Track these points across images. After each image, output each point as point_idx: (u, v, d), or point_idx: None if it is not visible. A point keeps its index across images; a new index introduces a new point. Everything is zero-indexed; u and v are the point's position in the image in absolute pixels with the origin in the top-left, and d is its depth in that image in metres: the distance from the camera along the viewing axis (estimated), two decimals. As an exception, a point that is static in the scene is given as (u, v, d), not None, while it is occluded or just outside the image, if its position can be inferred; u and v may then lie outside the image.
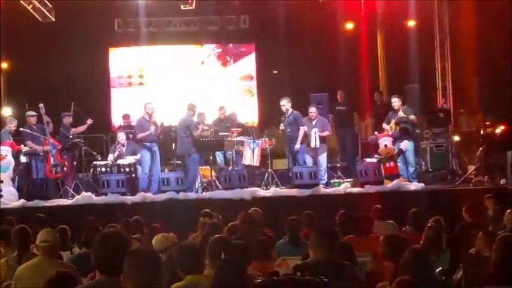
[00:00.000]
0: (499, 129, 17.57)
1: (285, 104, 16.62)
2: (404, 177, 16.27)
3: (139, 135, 16.65)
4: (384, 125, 16.97)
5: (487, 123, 18.63)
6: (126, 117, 19.16)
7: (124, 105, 20.98)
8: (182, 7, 18.67)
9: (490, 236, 7.72)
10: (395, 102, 16.70)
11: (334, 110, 18.79)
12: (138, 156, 16.88)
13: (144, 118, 16.77)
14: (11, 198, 15.22)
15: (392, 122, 16.60)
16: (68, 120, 17.34)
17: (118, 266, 4.65)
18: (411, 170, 16.45)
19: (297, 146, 16.51)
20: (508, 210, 10.25)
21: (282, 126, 16.65)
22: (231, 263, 5.39)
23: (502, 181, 15.46)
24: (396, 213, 11.49)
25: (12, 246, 8.36)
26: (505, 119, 17.64)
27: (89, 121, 17.30)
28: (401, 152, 16.50)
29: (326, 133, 16.88)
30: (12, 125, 16.44)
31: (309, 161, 16.75)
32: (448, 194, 15.19)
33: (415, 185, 15.70)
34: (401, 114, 16.43)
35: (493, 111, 18.73)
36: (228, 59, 22.76)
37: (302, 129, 16.58)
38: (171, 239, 8.45)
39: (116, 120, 21.06)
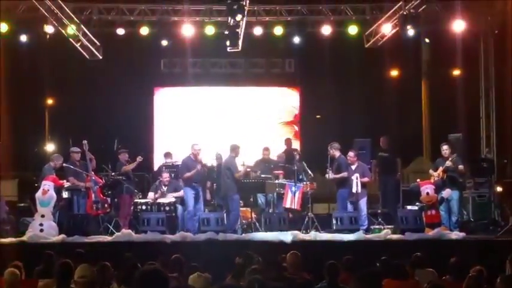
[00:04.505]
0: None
1: (329, 149, 16.96)
2: (446, 226, 16.11)
3: (186, 175, 16.72)
4: (431, 172, 16.85)
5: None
6: (167, 155, 19.17)
7: (167, 145, 21.03)
8: (228, 49, 18.78)
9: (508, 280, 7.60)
10: (445, 150, 16.61)
11: (377, 156, 18.72)
12: (179, 194, 16.94)
13: (190, 158, 16.88)
14: (52, 233, 15.33)
15: (440, 169, 16.46)
16: (123, 156, 17.50)
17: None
18: (454, 219, 16.30)
19: (330, 175, 16.78)
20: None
21: (328, 174, 16.83)
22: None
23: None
24: (436, 261, 11.34)
25: (51, 280, 8.39)
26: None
27: (139, 159, 17.35)
28: (443, 201, 16.36)
29: (366, 179, 16.82)
30: (58, 162, 16.61)
31: (349, 206, 16.73)
32: (490, 244, 14.97)
33: (456, 234, 15.52)
34: (449, 163, 16.32)
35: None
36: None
37: (342, 174, 16.76)
38: (206, 279, 8.44)
39: (158, 159, 21.14)
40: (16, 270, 9.48)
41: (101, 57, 19.72)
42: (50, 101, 21.99)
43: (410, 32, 18.78)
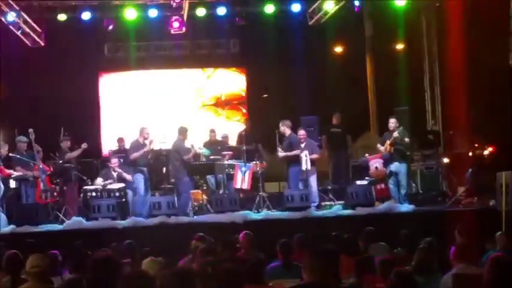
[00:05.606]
0: (488, 151, 17.61)
1: (281, 126, 16.93)
2: (395, 199, 16.24)
3: (134, 155, 16.67)
4: (379, 146, 16.85)
5: (476, 144, 18.65)
6: (120, 140, 19.05)
7: (114, 130, 20.88)
8: (172, 31, 18.67)
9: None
10: (392, 123, 16.63)
11: (328, 132, 18.76)
12: (126, 177, 16.76)
13: (138, 141, 16.81)
14: (1, 224, 15.12)
15: (387, 142, 16.50)
16: (66, 144, 17.29)
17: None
18: (403, 192, 16.36)
19: (281, 153, 16.74)
20: (499, 232, 10.23)
21: (279, 152, 16.78)
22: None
23: (491, 202, 15.35)
24: (387, 235, 11.45)
25: (2, 272, 8.29)
26: (493, 141, 17.69)
27: (84, 145, 17.12)
28: (392, 174, 16.47)
29: (315, 156, 16.77)
30: (4, 150, 16.35)
31: (300, 184, 16.75)
32: (439, 215, 15.15)
33: (405, 207, 15.68)
34: (396, 135, 16.35)
35: (481, 132, 18.73)
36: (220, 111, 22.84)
37: (295, 152, 16.63)
38: (160, 263, 8.41)
39: (106, 145, 20.99)
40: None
41: (43, 44, 19.45)
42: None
43: (354, 7, 18.91)
